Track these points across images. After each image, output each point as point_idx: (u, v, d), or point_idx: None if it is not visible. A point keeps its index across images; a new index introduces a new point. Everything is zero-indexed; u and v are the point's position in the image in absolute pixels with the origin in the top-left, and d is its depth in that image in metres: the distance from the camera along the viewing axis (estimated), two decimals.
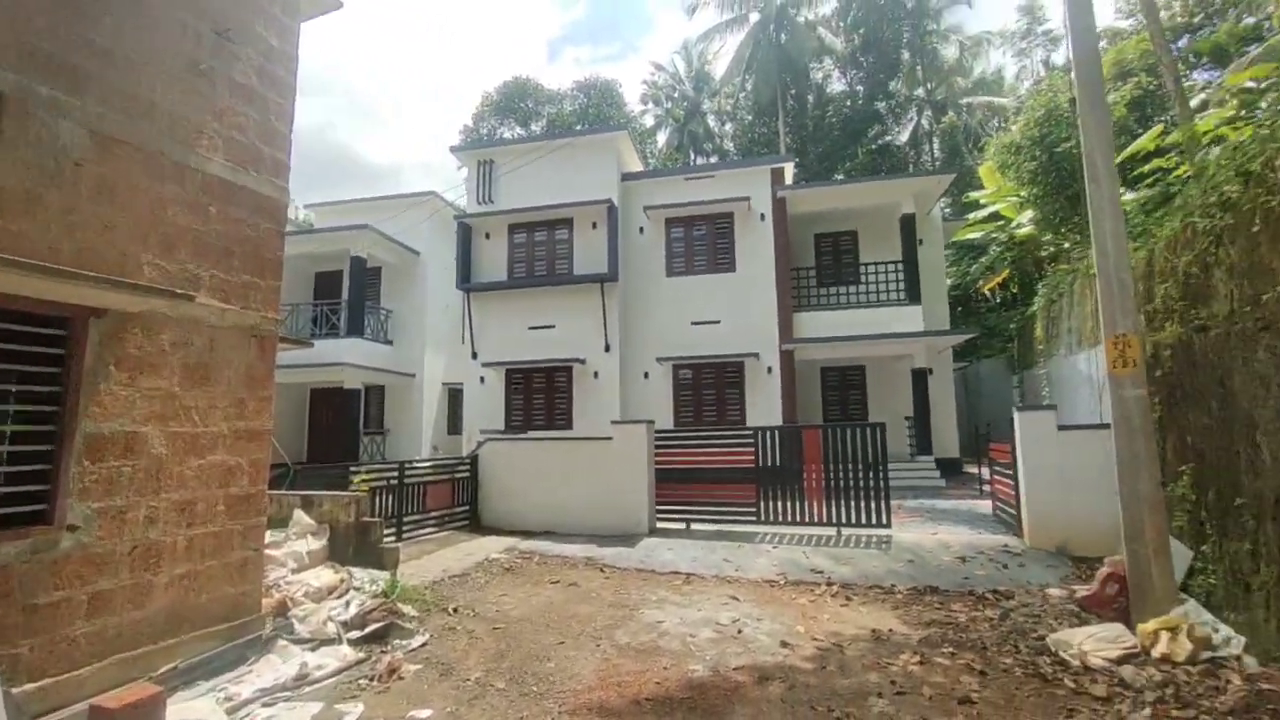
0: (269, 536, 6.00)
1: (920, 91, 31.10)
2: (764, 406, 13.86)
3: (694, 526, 9.00)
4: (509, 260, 15.08)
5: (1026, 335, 15.89)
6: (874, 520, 7.93)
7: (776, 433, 8.52)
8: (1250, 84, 9.86)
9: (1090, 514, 6.68)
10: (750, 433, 8.67)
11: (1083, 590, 5.06)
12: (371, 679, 4.38)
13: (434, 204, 17.62)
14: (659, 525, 9.20)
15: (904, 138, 31.34)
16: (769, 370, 13.96)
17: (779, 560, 7.38)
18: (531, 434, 11.14)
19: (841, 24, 30.48)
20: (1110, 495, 6.72)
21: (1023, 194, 15.62)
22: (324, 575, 5.80)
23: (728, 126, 36.07)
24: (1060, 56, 28.65)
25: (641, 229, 15.02)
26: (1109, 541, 6.57)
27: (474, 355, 14.94)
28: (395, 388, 17.79)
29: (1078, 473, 6.77)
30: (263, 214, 4.92)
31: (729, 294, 14.38)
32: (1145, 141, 11.79)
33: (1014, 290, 22.75)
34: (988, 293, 23.37)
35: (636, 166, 16.06)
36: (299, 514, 6.47)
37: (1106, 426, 6.89)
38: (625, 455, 9.11)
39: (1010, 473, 7.57)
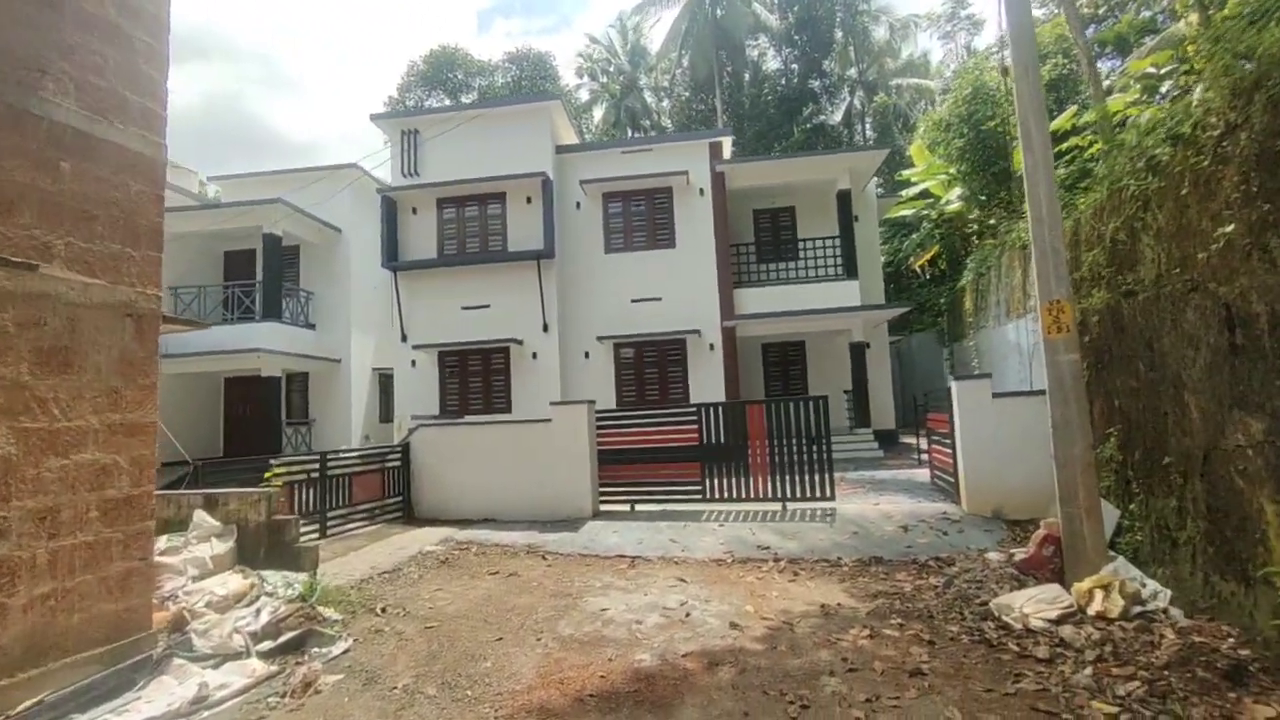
0: (163, 543, 5.37)
1: (853, 72, 31.61)
2: (707, 384, 13.78)
3: (639, 508, 8.80)
4: (439, 236, 14.29)
5: (956, 309, 16.46)
6: (818, 494, 7.94)
7: (720, 409, 8.38)
8: (1151, 69, 10.32)
9: (1023, 478, 6.87)
10: (693, 410, 8.50)
11: (1020, 553, 5.16)
12: (284, 695, 3.92)
13: (356, 177, 16.46)
14: (603, 508, 8.94)
15: (837, 117, 31.84)
16: (711, 347, 13.87)
17: (726, 538, 7.26)
18: (467, 418, 10.63)
19: (776, 1, 30.45)
20: (1042, 459, 6.92)
21: (951, 171, 16.07)
22: (231, 581, 5.22)
23: (665, 103, 35.63)
24: (982, 40, 29.74)
25: (578, 204, 14.52)
26: (1042, 504, 6.78)
27: (403, 337, 14.14)
28: (320, 375, 16.72)
29: (1011, 439, 6.93)
30: (133, 173, 4.24)
31: (669, 270, 14.14)
32: (1062, 121, 12.24)
33: (943, 267, 23.60)
34: (918, 269, 24.18)
35: (572, 139, 15.50)
36: (200, 515, 5.81)
37: (1039, 393, 7.10)
38: (565, 437, 8.78)
39: (948, 441, 7.71)
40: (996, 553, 5.98)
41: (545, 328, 13.74)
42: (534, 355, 13.76)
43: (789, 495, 8.05)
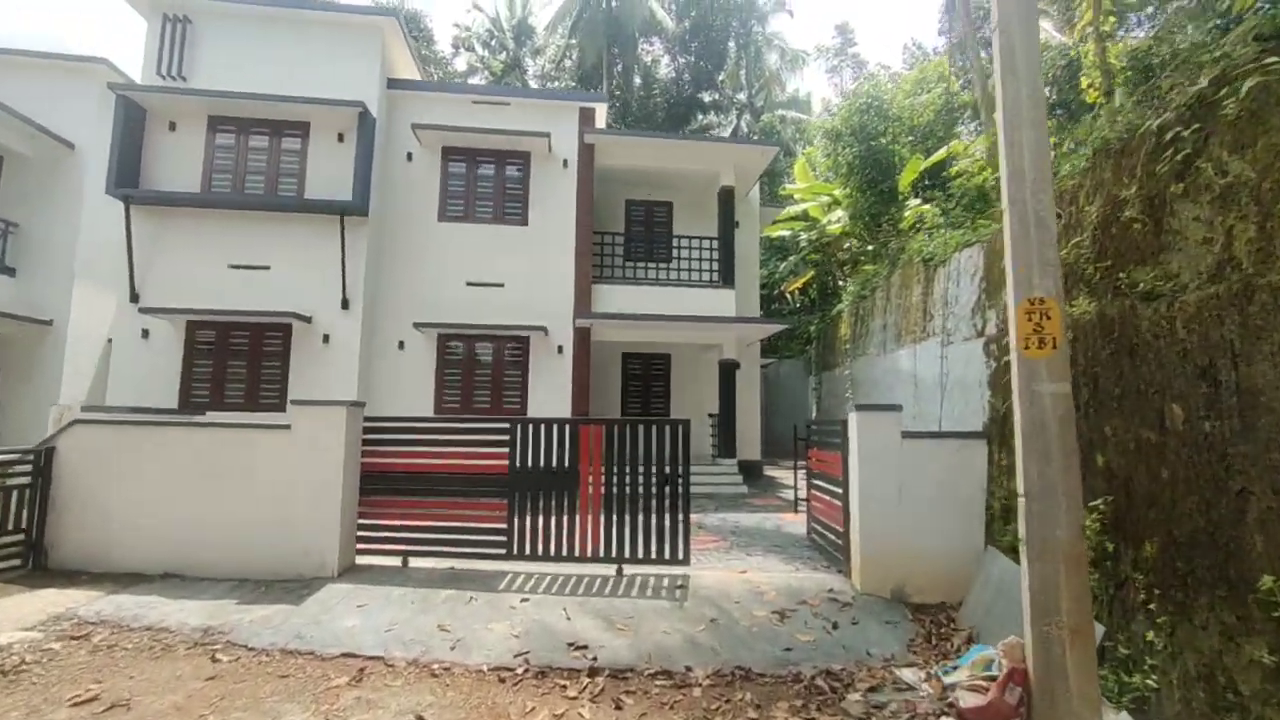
0: None
1: (742, 96, 31.31)
2: (551, 394, 11.28)
3: (415, 563, 6.04)
4: (206, 166, 10.52)
5: (828, 337, 15.48)
6: (668, 554, 5.71)
7: (543, 427, 5.91)
8: None
9: (934, 548, 5.12)
10: (504, 425, 5.95)
11: (969, 699, 3.21)
12: None
13: (104, 79, 12.04)
14: (360, 562, 6.07)
15: (725, 134, 31.22)
16: (559, 350, 11.41)
17: (525, 626, 4.76)
18: (151, 417, 7.19)
19: (673, 3, 29.32)
20: (958, 525, 5.28)
21: (835, 193, 15.20)
22: None
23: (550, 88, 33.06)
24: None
25: (410, 155, 11.50)
26: (950, 583, 5.04)
27: (134, 296, 10.13)
28: (19, 339, 11.93)
29: (923, 495, 5.17)
30: None
31: (517, 252, 11.54)
32: (948, 151, 11.52)
33: (813, 295, 23.27)
34: (789, 295, 23.68)
35: (412, 75, 12.44)
36: None
37: (961, 436, 5.44)
38: (310, 453, 5.83)
39: (836, 490, 5.86)
40: (911, 670, 4.04)
41: (345, 304, 10.48)
42: (325, 339, 10.42)
43: (628, 555, 5.75)
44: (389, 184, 11.38)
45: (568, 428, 5.88)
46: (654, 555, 5.71)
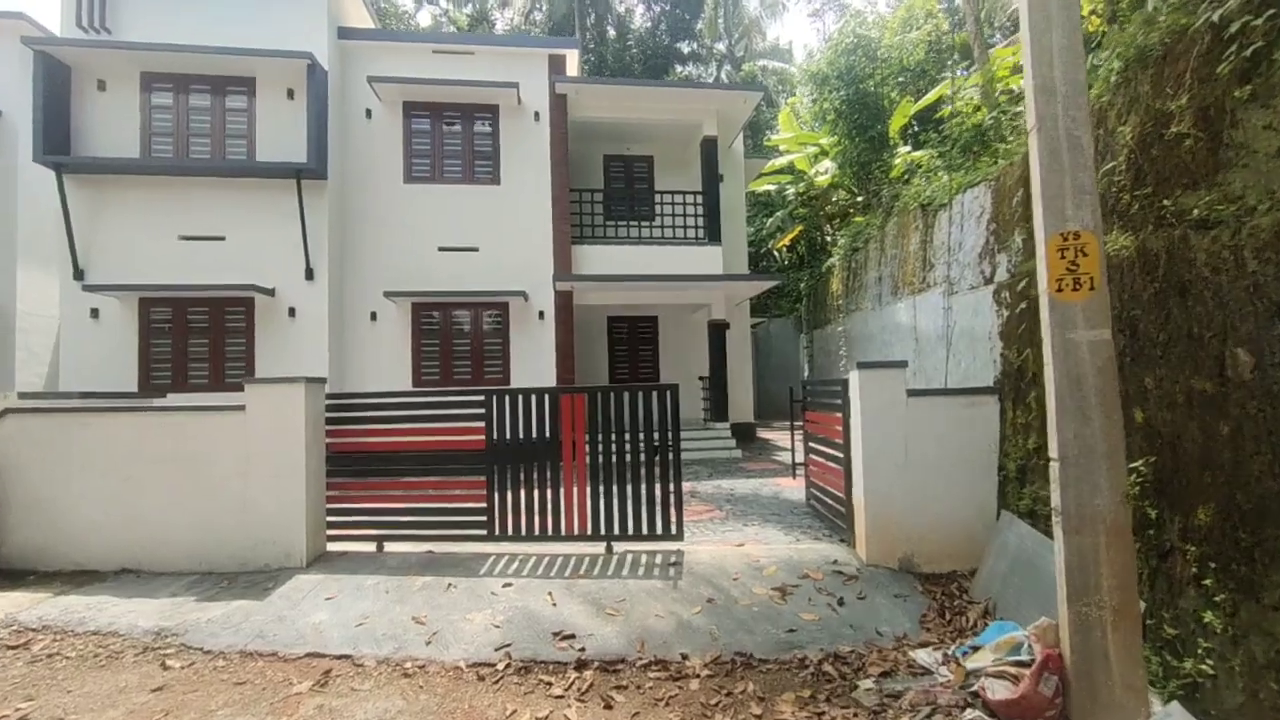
0: None
1: (721, 46, 30.00)
2: (534, 362, 10.81)
3: (391, 548, 5.64)
4: (144, 129, 9.67)
5: (819, 293, 15.04)
6: (660, 530, 5.35)
7: (520, 398, 5.46)
8: None
9: (945, 514, 4.79)
10: (479, 397, 5.48)
11: (999, 689, 2.87)
12: None
13: (22, 32, 10.98)
14: (332, 549, 5.66)
15: None
16: (540, 315, 10.89)
17: (508, 614, 4.39)
18: (118, 402, 6.64)
19: None
20: (969, 488, 4.94)
21: (821, 142, 14.54)
22: None
23: None
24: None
25: (368, 112, 10.68)
26: (962, 551, 4.73)
27: (78, 274, 9.42)
28: None
29: (930, 457, 4.81)
30: None
31: (491, 213, 10.89)
32: (937, 92, 10.89)
33: (802, 251, 22.72)
34: (777, 252, 23.11)
35: (366, 25, 11.50)
36: None
37: (972, 393, 5.05)
38: (269, 434, 5.35)
39: (836, 453, 5.49)
40: (926, 650, 3.73)
41: (309, 274, 9.83)
42: (291, 312, 9.80)
43: (618, 532, 5.38)
44: (349, 144, 10.60)
45: (547, 398, 5.42)
46: (645, 531, 5.34)
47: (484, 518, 5.45)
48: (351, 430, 5.71)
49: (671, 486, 5.34)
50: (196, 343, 9.68)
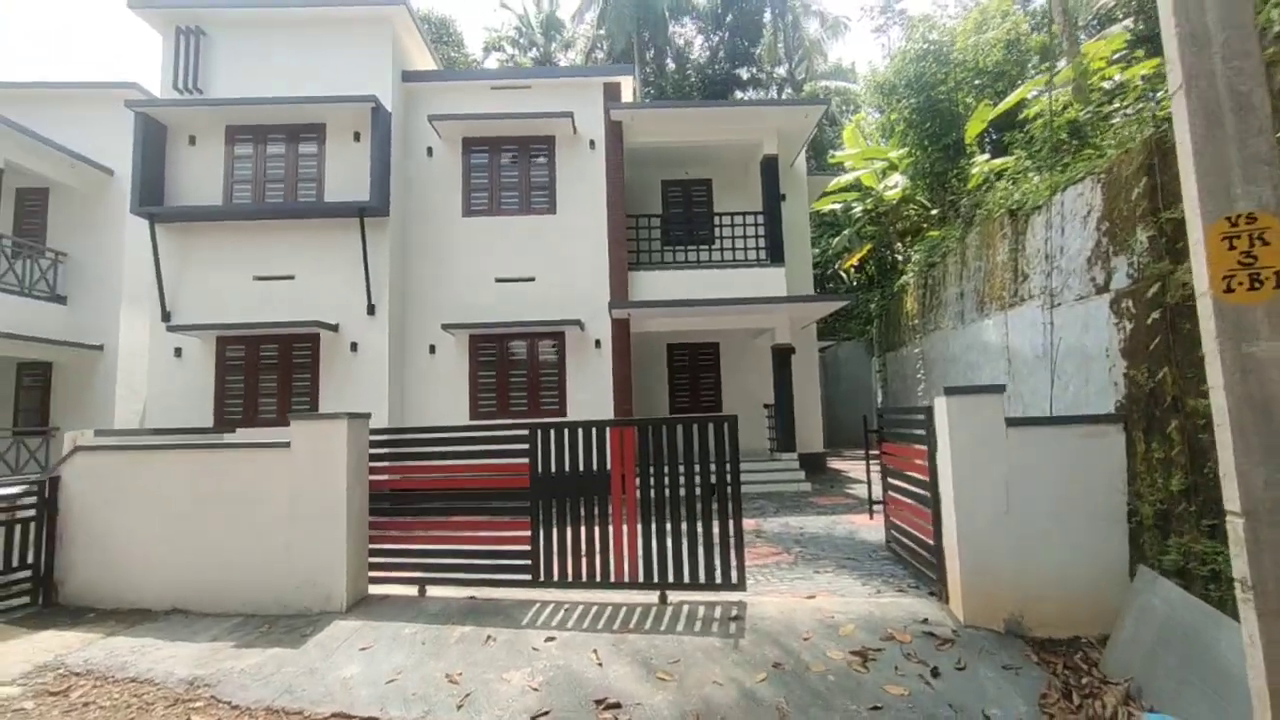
0: None
1: (782, 70, 29.71)
2: (590, 393, 10.52)
3: (434, 592, 5.34)
4: (225, 178, 10.26)
5: (891, 314, 14.10)
6: (719, 578, 4.78)
7: (566, 432, 5.08)
8: None
9: (1060, 566, 3.99)
10: (523, 433, 5.15)
11: None
12: None
13: (135, 101, 12.05)
14: (374, 592, 5.42)
15: None
16: (597, 344, 10.62)
17: (548, 674, 3.94)
18: (173, 439, 6.81)
19: None
20: (1089, 536, 4.13)
21: (890, 156, 13.78)
22: None
23: None
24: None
25: (430, 150, 10.93)
26: (1086, 612, 3.91)
27: (165, 315, 9.97)
28: (71, 366, 12.16)
29: (1040, 499, 4.04)
30: None
31: (547, 243, 10.81)
32: (1024, 90, 9.98)
33: (871, 272, 21.68)
34: (844, 273, 22.17)
35: (428, 66, 11.88)
36: None
37: (1088, 421, 4.27)
38: (312, 472, 5.21)
39: (921, 491, 4.77)
40: None
41: (371, 309, 10.01)
42: (353, 347, 9.98)
43: (671, 579, 4.85)
44: (410, 181, 10.86)
45: (594, 431, 5.03)
46: (702, 579, 4.79)
47: (528, 561, 5.06)
48: (394, 467, 5.51)
49: (732, 528, 4.78)
50: (266, 379, 10.00)
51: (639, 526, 4.90)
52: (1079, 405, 4.91)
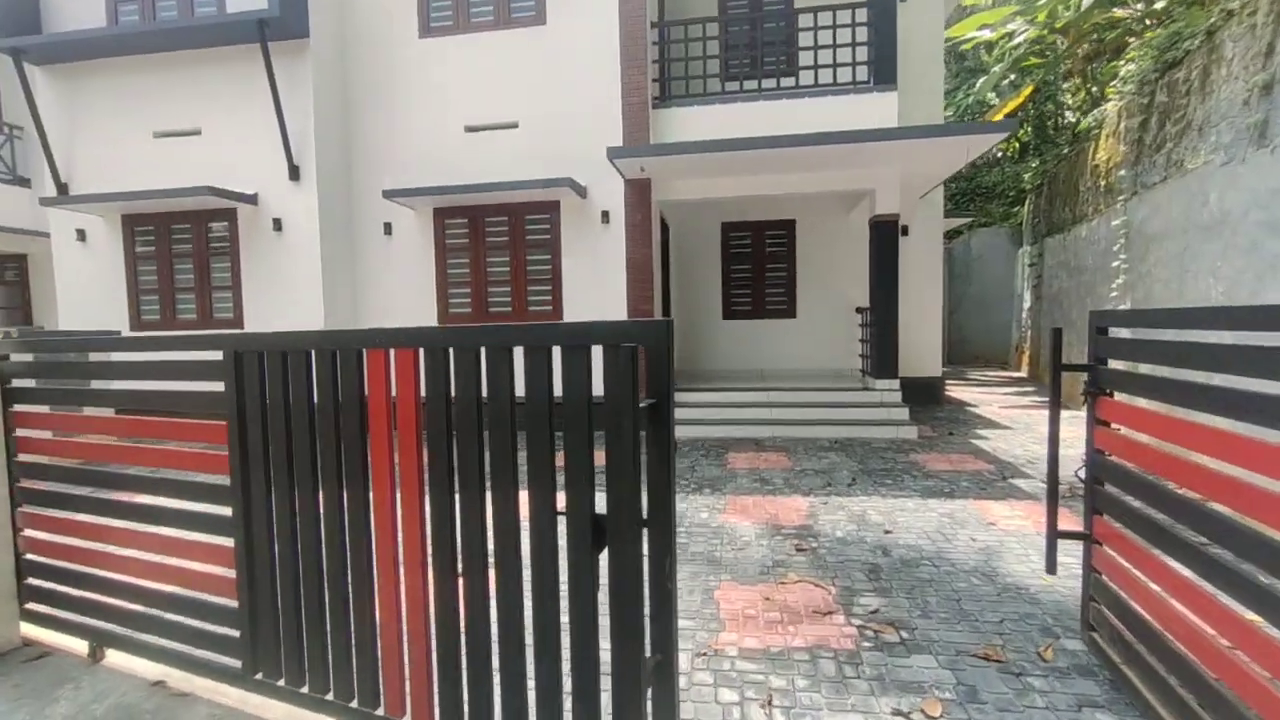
0: None
1: None
2: (595, 288, 7.45)
3: (114, 658, 2.76)
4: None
5: (1062, 181, 9.58)
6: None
7: (288, 359, 2.08)
8: None
9: None
10: (215, 355, 2.23)
11: None
12: None
13: None
14: (35, 636, 2.94)
15: None
16: (604, 218, 7.38)
17: None
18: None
19: None
20: None
21: None
22: None
23: None
24: None
25: None
26: None
27: (59, 187, 7.89)
28: (46, 256, 10.76)
29: None
30: None
31: (534, 70, 7.43)
32: None
33: (1024, 136, 16.26)
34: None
35: None
36: None
37: None
38: None
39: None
40: None
41: (294, 173, 7.32)
42: (276, 224, 7.44)
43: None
44: None
45: (338, 358, 1.99)
46: None
47: (235, 631, 2.30)
48: (59, 418, 2.84)
49: (661, 638, 1.67)
50: (182, 268, 7.78)
51: (430, 583, 1.91)
52: None
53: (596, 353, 1.57)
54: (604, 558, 1.59)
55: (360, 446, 1.98)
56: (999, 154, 17.81)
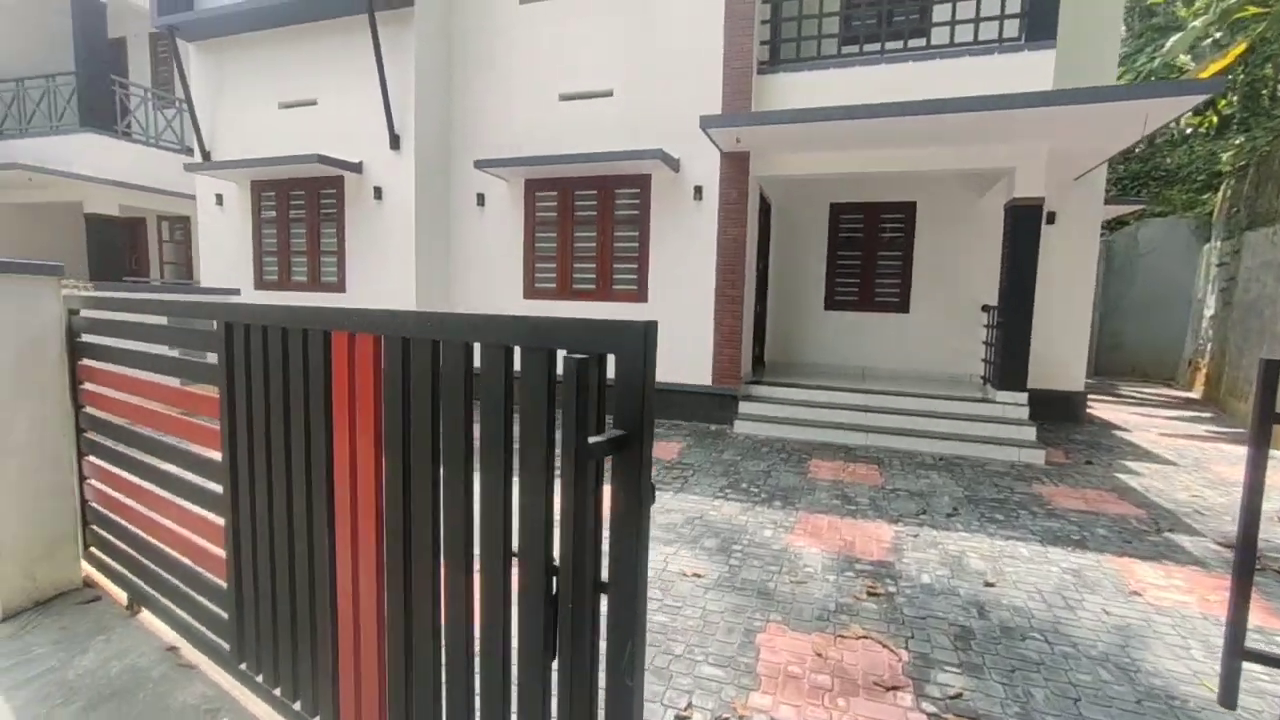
0: None
1: None
2: (684, 268, 7.00)
3: (148, 615, 2.80)
4: None
5: (1271, 161, 7.76)
6: None
7: (264, 334, 1.88)
8: None
9: None
10: (212, 324, 2.11)
11: None
12: None
13: None
14: (90, 578, 3.08)
15: None
16: (696, 193, 6.87)
17: None
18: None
19: None
20: None
21: None
22: None
23: None
24: None
25: None
26: None
27: (204, 154, 8.63)
28: None
29: None
30: None
31: (632, 34, 7.01)
32: None
33: (1229, 106, 13.56)
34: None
35: None
36: None
37: None
38: None
39: None
40: None
41: (395, 142, 7.47)
42: (377, 193, 7.66)
43: None
44: None
45: (307, 339, 1.75)
46: None
47: (224, 613, 2.19)
48: (101, 372, 2.90)
49: None
50: (296, 233, 8.26)
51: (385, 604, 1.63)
52: None
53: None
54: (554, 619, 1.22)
55: (325, 435, 1.73)
56: (1188, 129, 14.99)
